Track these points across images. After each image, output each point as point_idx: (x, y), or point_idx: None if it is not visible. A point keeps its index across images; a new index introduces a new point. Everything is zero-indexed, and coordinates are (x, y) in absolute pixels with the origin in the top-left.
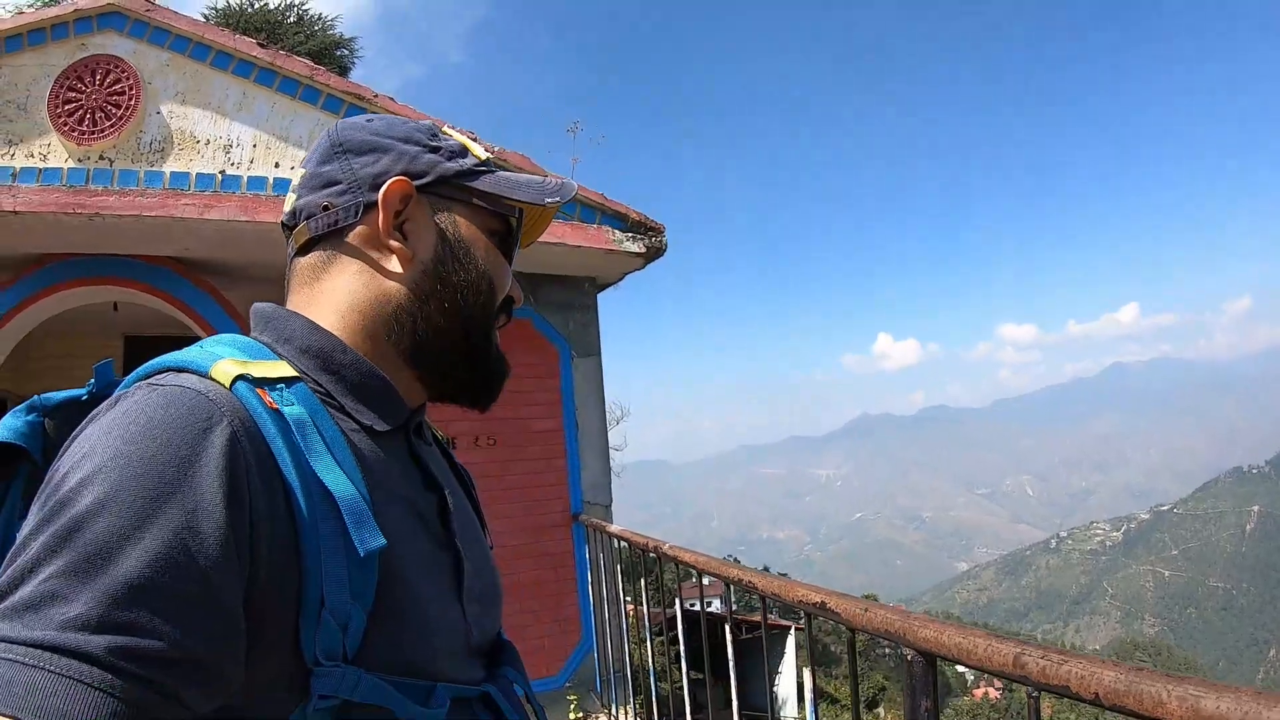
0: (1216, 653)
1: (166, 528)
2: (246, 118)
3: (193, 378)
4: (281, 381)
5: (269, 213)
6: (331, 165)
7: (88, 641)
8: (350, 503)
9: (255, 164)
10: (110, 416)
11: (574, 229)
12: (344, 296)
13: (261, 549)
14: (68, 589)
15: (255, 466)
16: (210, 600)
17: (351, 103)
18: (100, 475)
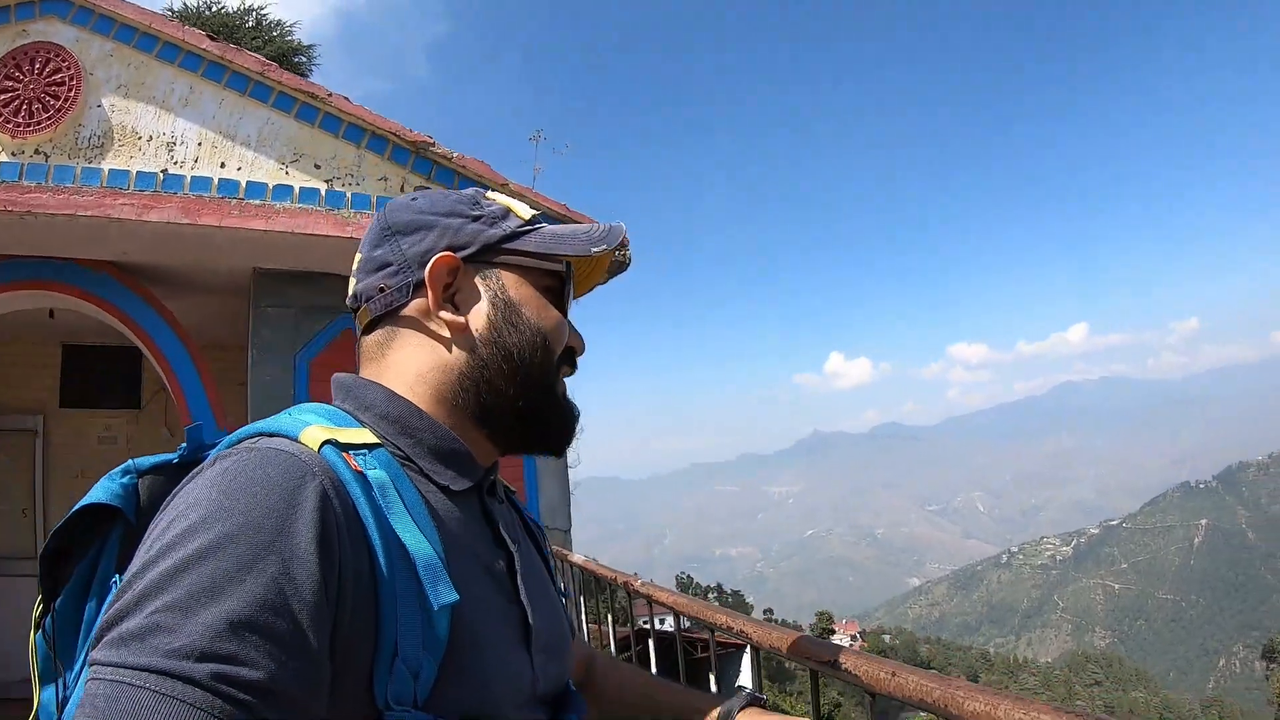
0: (1167, 663)
1: (265, 573)
2: (192, 114)
3: (285, 441)
4: (364, 447)
5: (212, 215)
6: (383, 249)
7: (192, 668)
8: (426, 560)
9: (200, 163)
10: (212, 473)
11: None
12: (409, 369)
13: (347, 599)
14: (173, 622)
15: (344, 523)
16: (303, 641)
17: (304, 101)
18: (205, 524)
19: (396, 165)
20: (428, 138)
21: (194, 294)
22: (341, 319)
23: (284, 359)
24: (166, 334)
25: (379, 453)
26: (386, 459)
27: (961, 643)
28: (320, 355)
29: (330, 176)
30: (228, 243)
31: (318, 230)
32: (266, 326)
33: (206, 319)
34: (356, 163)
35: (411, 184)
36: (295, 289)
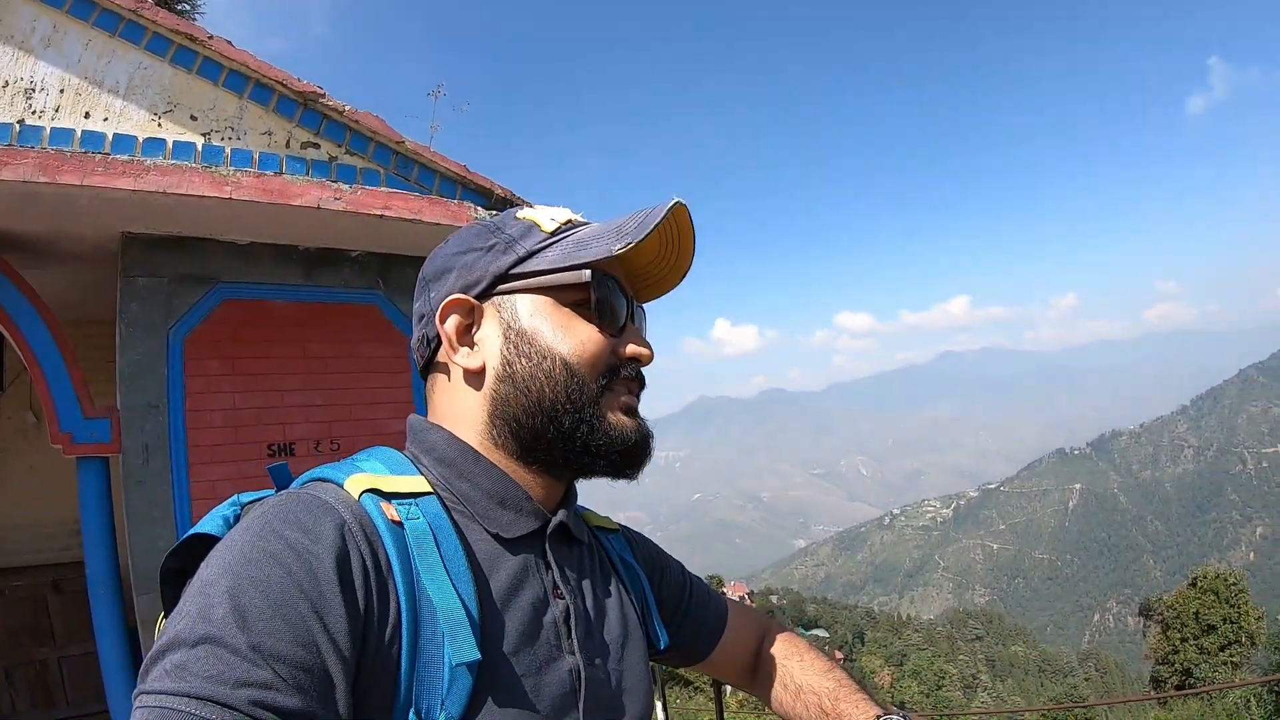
0: (1044, 619)
1: (295, 612)
2: (55, 56)
3: (330, 488)
4: (411, 496)
5: (73, 172)
6: (420, 300)
7: (230, 694)
8: (450, 615)
9: (62, 113)
10: (250, 517)
11: (432, 204)
12: (450, 415)
13: (370, 646)
14: (210, 654)
15: (370, 573)
16: (330, 679)
17: (181, 44)
18: (236, 564)
19: (282, 118)
20: (317, 88)
21: (58, 263)
22: (218, 290)
23: (156, 335)
24: (24, 309)
25: (427, 501)
26: (435, 508)
27: (847, 602)
28: (196, 330)
29: (208, 129)
30: (92, 204)
31: (192, 190)
32: (136, 299)
33: (74, 291)
34: (238, 114)
35: (299, 139)
36: (167, 256)
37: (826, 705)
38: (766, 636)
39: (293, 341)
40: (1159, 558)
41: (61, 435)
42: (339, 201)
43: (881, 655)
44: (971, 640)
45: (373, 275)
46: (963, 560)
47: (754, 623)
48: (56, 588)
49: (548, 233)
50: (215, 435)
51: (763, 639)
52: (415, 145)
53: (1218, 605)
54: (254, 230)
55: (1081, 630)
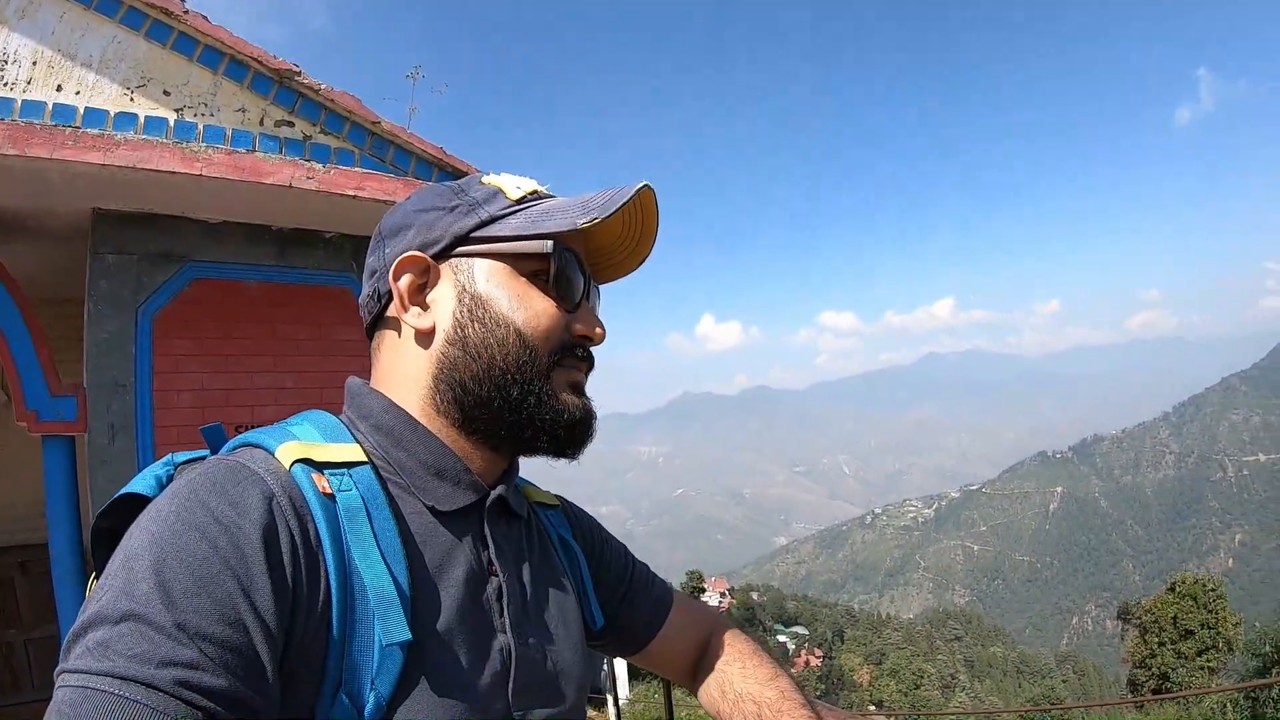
0: (1023, 621)
1: (221, 589)
2: (29, 28)
3: (260, 456)
4: (345, 466)
5: (43, 145)
6: (373, 255)
7: (155, 674)
8: (381, 593)
9: (34, 85)
10: (175, 485)
11: (407, 186)
12: (393, 375)
13: (298, 625)
14: (134, 631)
15: (301, 548)
16: (257, 657)
17: (156, 18)
18: (161, 537)
19: (257, 95)
20: (293, 66)
21: (29, 239)
22: (189, 268)
23: (124, 312)
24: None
25: (361, 471)
26: (368, 479)
27: (828, 600)
28: (165, 309)
29: (181, 105)
30: (63, 178)
31: (162, 165)
32: (105, 276)
33: (44, 269)
34: (212, 90)
35: (273, 116)
36: (137, 233)
37: (766, 716)
38: (714, 635)
39: (263, 322)
40: (1138, 562)
41: (27, 413)
42: (312, 181)
43: (861, 653)
44: (951, 640)
45: (346, 257)
46: (943, 560)
47: (700, 619)
48: (24, 569)
49: (512, 200)
50: (182, 416)
51: (709, 638)
52: (391, 126)
53: (1196, 610)
54: (226, 208)
55: (1060, 633)
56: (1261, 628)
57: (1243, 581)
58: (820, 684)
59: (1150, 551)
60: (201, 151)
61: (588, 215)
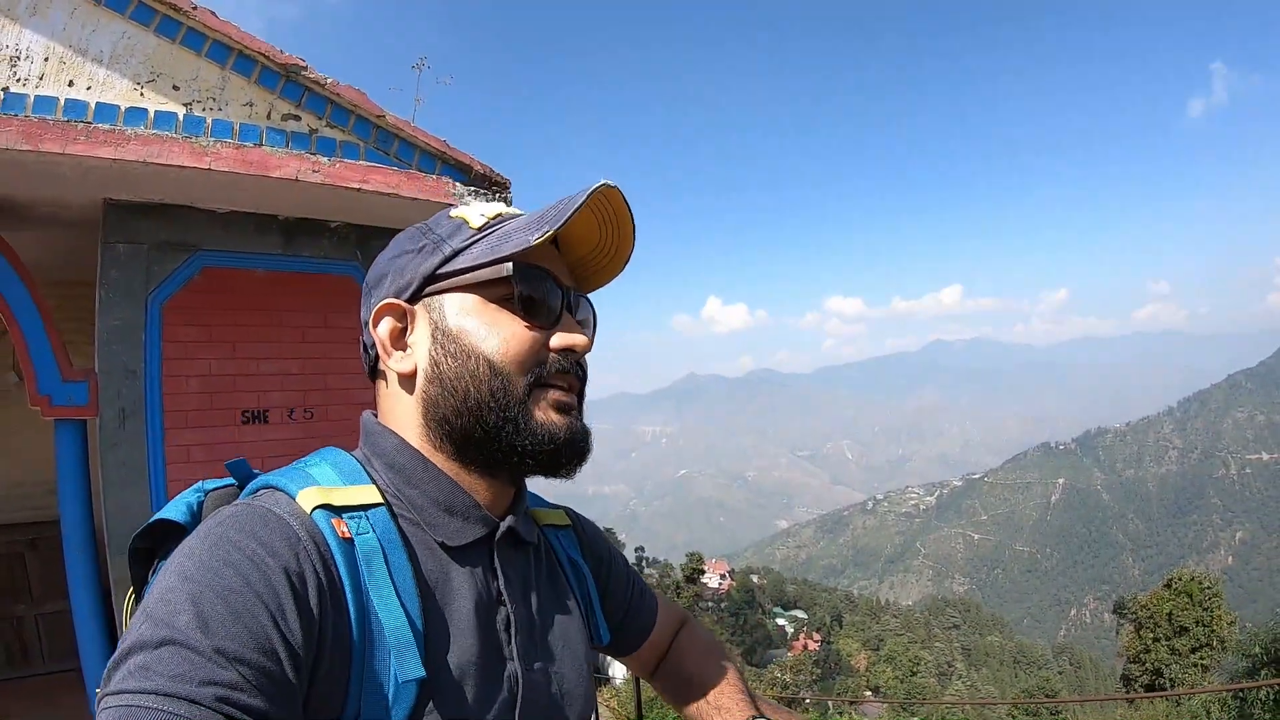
0: (1021, 611)
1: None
2: (40, 25)
3: (283, 500)
4: (361, 508)
5: (54, 141)
6: (364, 307)
7: (197, 691)
8: (396, 634)
9: (45, 81)
10: (206, 525)
11: (410, 178)
12: (392, 418)
13: (323, 660)
14: (174, 653)
15: (326, 589)
16: (287, 683)
17: (166, 14)
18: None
19: (264, 89)
20: (299, 60)
21: (41, 227)
22: (197, 257)
23: (135, 300)
24: (5, 270)
25: (377, 513)
26: (384, 520)
27: (827, 584)
28: (174, 298)
29: (190, 99)
30: (75, 172)
31: (172, 159)
32: (115, 265)
33: (55, 255)
34: (220, 85)
35: (280, 110)
36: (147, 223)
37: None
38: (683, 629)
39: (270, 310)
40: (1138, 556)
41: (40, 397)
42: (318, 174)
43: (859, 639)
44: (948, 628)
45: (351, 247)
46: (943, 549)
47: (674, 616)
48: (33, 545)
49: (475, 229)
50: (191, 401)
51: (678, 632)
52: (396, 120)
53: (1191, 608)
54: (234, 199)
55: (1058, 624)
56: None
57: (1241, 580)
58: (817, 668)
59: (1150, 546)
60: (210, 146)
61: (539, 231)
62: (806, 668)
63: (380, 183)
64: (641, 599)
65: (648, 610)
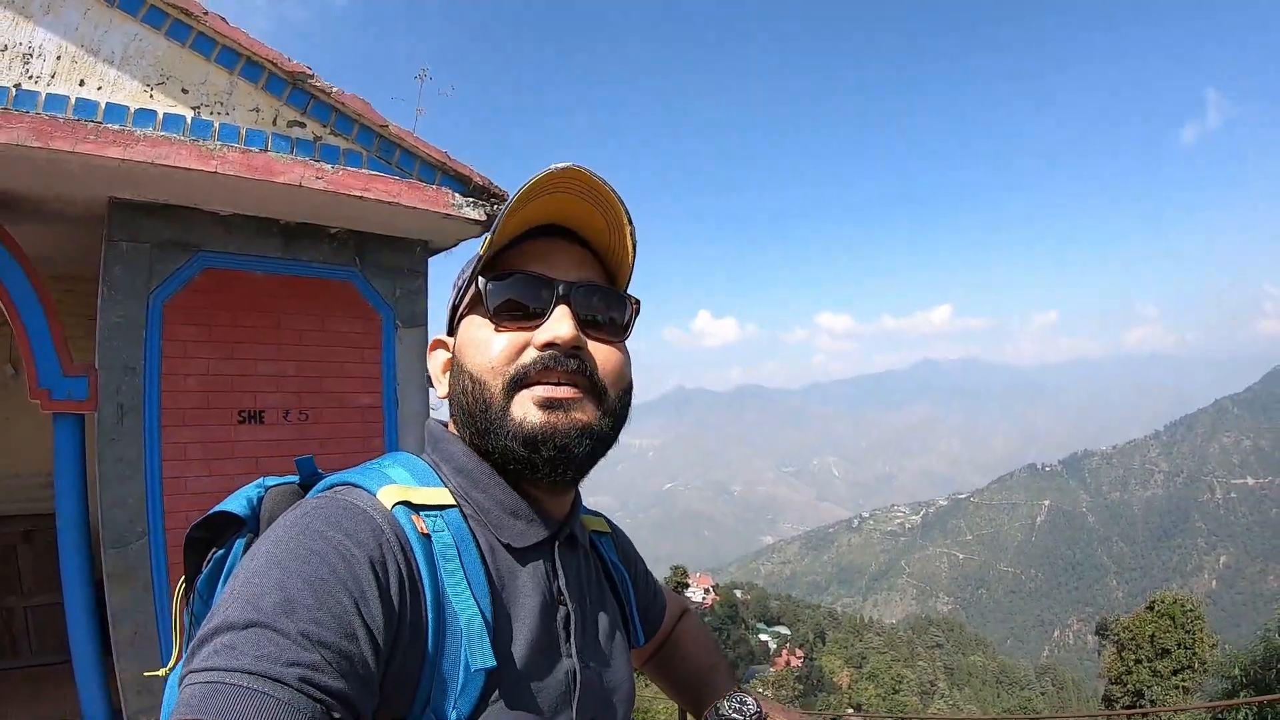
0: (1004, 631)
1: (339, 605)
2: (54, 24)
3: (364, 496)
4: (436, 508)
5: (65, 139)
6: None
7: (281, 671)
8: (471, 625)
9: (57, 79)
10: (294, 515)
11: (411, 188)
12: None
13: (400, 646)
14: (260, 636)
15: (406, 580)
16: (368, 667)
17: (177, 18)
18: (284, 558)
19: (271, 96)
20: (306, 68)
21: (46, 222)
22: (199, 258)
23: (136, 298)
24: (9, 264)
25: (450, 514)
26: (457, 521)
27: (811, 601)
28: (175, 297)
29: (198, 103)
30: (82, 170)
31: (179, 162)
32: (119, 262)
33: (60, 250)
34: (228, 90)
35: (285, 117)
36: (152, 222)
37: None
38: (683, 617)
39: (269, 312)
40: (1122, 579)
41: (40, 390)
42: (321, 181)
43: (842, 656)
44: (932, 647)
45: (350, 253)
46: (928, 568)
47: (677, 607)
48: (27, 538)
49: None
50: (188, 399)
51: (678, 620)
52: (398, 129)
53: (1173, 630)
54: (237, 202)
55: (1041, 645)
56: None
57: (1225, 604)
58: (799, 684)
59: (1135, 569)
60: (216, 149)
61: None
62: (789, 684)
63: (382, 191)
64: (656, 597)
65: (660, 606)
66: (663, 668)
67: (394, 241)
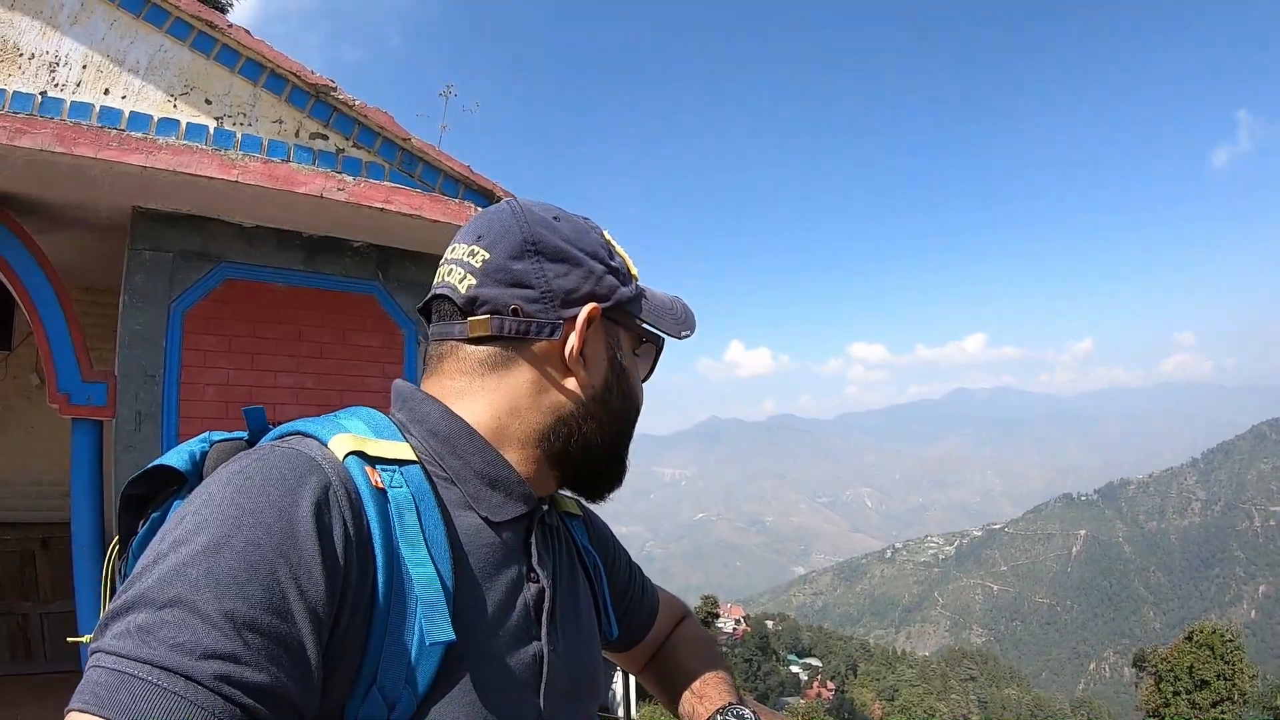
0: (1039, 664)
1: (272, 576)
2: (80, 33)
3: (313, 445)
4: (397, 463)
5: (89, 145)
6: (523, 264)
7: (196, 666)
8: (428, 592)
9: (83, 88)
10: (230, 470)
11: (433, 202)
12: (508, 400)
13: (344, 615)
14: (179, 617)
15: (352, 539)
16: (303, 648)
17: (201, 30)
18: (215, 522)
19: (293, 108)
20: (329, 81)
21: (71, 230)
22: (220, 269)
23: (158, 307)
24: (33, 271)
25: (411, 470)
26: (418, 478)
27: (843, 632)
28: (196, 306)
29: (221, 114)
30: (105, 177)
31: (201, 170)
32: (141, 271)
33: (84, 259)
34: (251, 101)
35: (308, 129)
36: (174, 232)
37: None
38: (682, 623)
39: (289, 324)
40: (1160, 609)
41: (59, 395)
42: (342, 192)
43: (874, 688)
44: (965, 680)
45: (372, 266)
46: (962, 599)
47: (674, 611)
48: (45, 545)
49: (636, 278)
50: (207, 409)
51: (677, 625)
52: (421, 143)
53: (1213, 661)
54: (260, 214)
55: (1077, 678)
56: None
57: (1265, 634)
58: (830, 716)
59: (1172, 599)
60: (239, 159)
61: (685, 331)
62: (819, 716)
63: (403, 204)
64: (643, 594)
65: (649, 605)
66: (658, 675)
67: (417, 256)
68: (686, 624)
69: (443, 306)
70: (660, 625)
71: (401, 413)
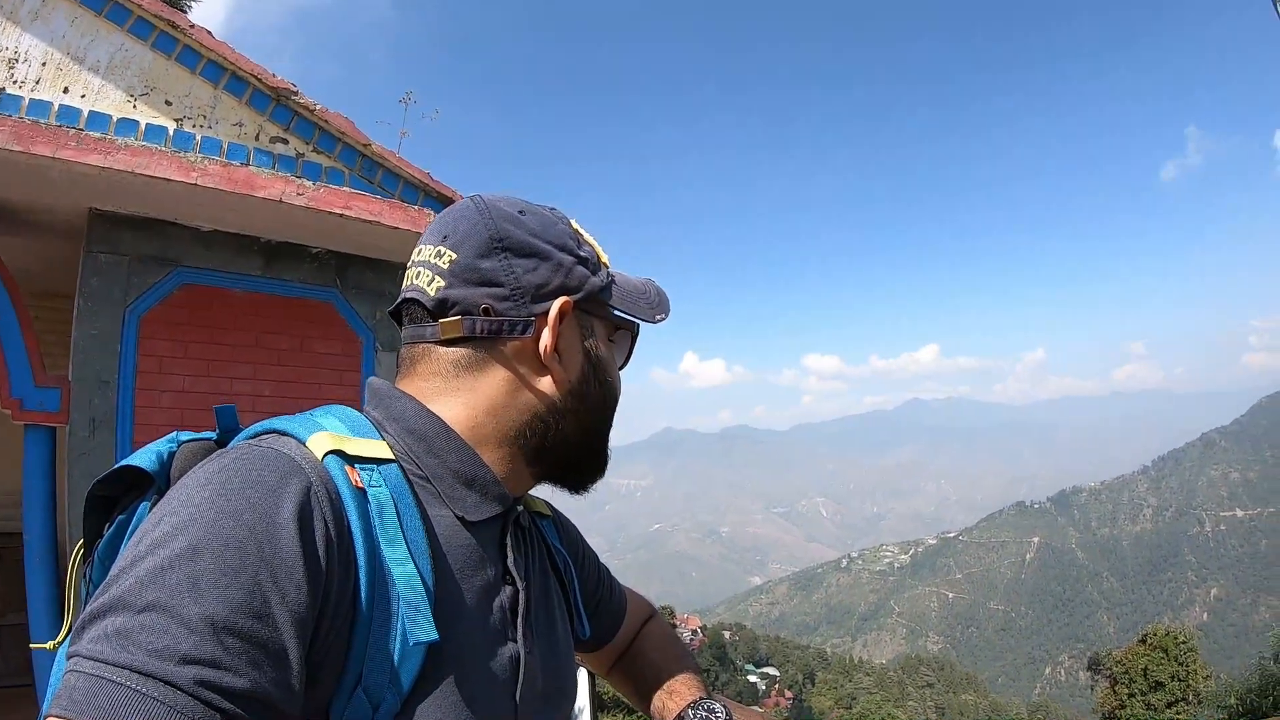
0: (996, 669)
1: (253, 579)
2: (41, 30)
3: (291, 444)
4: (375, 462)
5: (46, 144)
6: (491, 262)
7: (174, 671)
8: (410, 592)
9: (42, 85)
10: (208, 470)
11: (392, 208)
12: (484, 399)
13: (326, 616)
14: (157, 622)
15: (335, 540)
16: (284, 650)
17: (163, 30)
18: (193, 523)
19: (254, 111)
20: (290, 84)
21: (27, 234)
22: (177, 273)
23: (113, 311)
24: None
25: (389, 469)
26: (397, 477)
27: (800, 641)
28: (152, 311)
29: (181, 115)
30: (63, 177)
31: (160, 172)
32: (97, 274)
33: (39, 264)
34: (211, 103)
35: (269, 132)
36: (130, 235)
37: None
38: (650, 621)
39: (247, 330)
40: (1113, 614)
41: (11, 400)
42: (302, 197)
43: (832, 696)
44: (923, 687)
45: (331, 273)
46: (918, 607)
47: (641, 610)
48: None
49: (606, 265)
50: (162, 415)
51: (643, 625)
52: (381, 149)
53: (1167, 663)
54: (218, 218)
55: (1033, 682)
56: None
57: (1217, 636)
58: None
59: (1125, 604)
60: (198, 161)
61: (660, 314)
62: None
63: (363, 209)
64: (611, 594)
65: (618, 605)
66: (627, 674)
67: (376, 264)
68: (654, 623)
69: (413, 310)
70: (628, 625)
71: (377, 410)
